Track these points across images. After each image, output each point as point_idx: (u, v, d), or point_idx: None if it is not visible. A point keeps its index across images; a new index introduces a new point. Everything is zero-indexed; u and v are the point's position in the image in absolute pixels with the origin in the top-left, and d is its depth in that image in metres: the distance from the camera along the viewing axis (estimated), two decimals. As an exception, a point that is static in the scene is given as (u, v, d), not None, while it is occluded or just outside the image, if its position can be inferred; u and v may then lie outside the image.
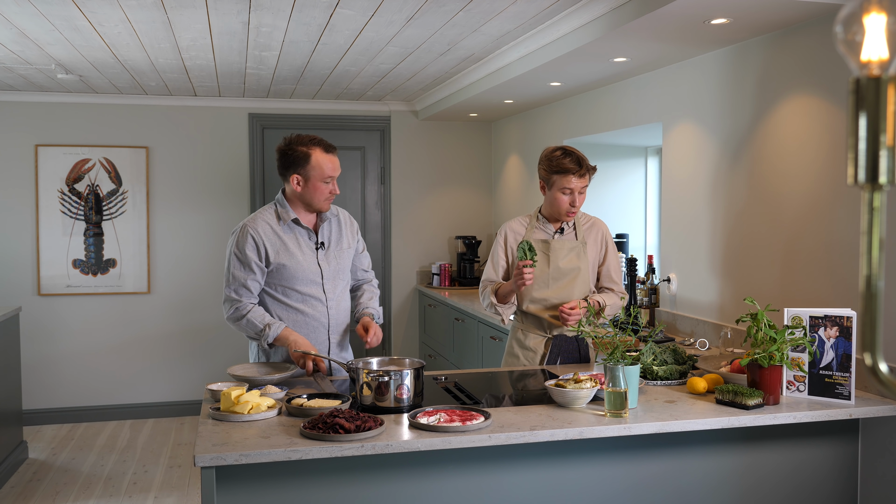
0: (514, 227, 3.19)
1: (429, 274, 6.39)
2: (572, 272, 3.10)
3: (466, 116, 6.07)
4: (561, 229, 3.16)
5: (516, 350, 3.18)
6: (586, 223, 3.19)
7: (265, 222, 2.91)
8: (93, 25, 3.59)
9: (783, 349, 2.41)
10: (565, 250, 3.11)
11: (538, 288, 3.10)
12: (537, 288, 3.10)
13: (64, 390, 5.84)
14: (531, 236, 3.14)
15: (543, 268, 3.10)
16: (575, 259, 3.11)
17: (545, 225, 3.16)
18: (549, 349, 3.12)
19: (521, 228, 3.18)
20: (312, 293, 2.93)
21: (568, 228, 3.16)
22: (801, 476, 2.52)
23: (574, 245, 3.13)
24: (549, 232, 3.15)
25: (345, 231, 3.06)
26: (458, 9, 3.27)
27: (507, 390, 2.87)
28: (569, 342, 3.14)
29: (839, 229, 2.75)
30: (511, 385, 2.92)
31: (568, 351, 3.14)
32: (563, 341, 3.13)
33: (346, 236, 3.06)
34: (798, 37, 2.94)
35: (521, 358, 3.15)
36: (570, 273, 3.10)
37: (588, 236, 3.16)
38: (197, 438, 2.14)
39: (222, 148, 6.03)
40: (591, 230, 3.18)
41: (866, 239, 0.88)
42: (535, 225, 3.17)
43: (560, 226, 3.16)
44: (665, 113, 3.87)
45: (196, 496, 4.30)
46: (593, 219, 3.23)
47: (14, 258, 5.71)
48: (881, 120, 0.85)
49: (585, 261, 3.13)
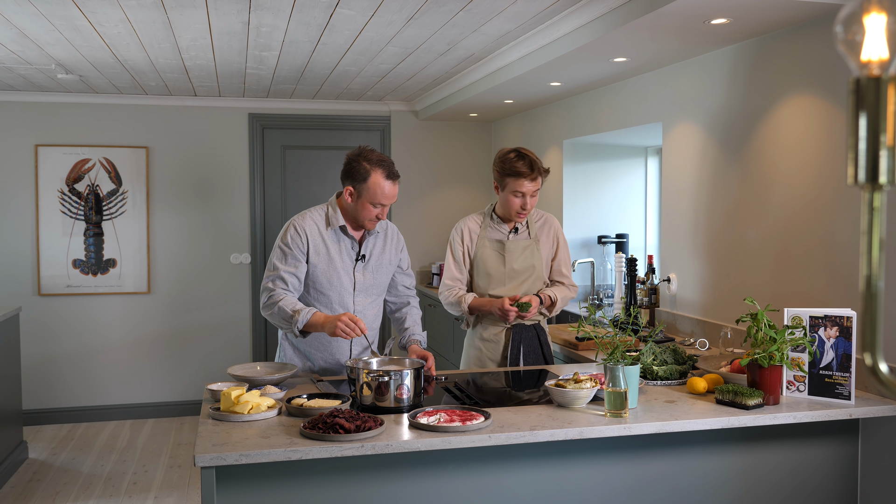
0: (471, 226, 3.27)
1: (429, 274, 6.39)
2: (527, 271, 3.22)
3: (466, 116, 6.07)
4: (515, 229, 3.24)
5: (477, 343, 3.25)
6: (538, 220, 3.29)
7: (313, 222, 2.92)
8: (93, 25, 3.59)
9: (783, 349, 2.41)
10: (519, 249, 3.21)
11: (495, 286, 3.20)
12: (494, 286, 3.21)
13: (64, 390, 5.84)
14: (486, 235, 3.23)
15: (499, 267, 3.20)
16: (529, 257, 3.22)
17: (499, 225, 3.25)
18: (511, 339, 3.18)
19: (476, 227, 3.27)
20: (342, 302, 2.94)
21: (521, 227, 3.25)
22: (801, 476, 2.52)
23: (528, 244, 3.23)
24: (503, 232, 3.24)
25: (388, 247, 3.05)
26: (458, 9, 3.27)
27: (507, 390, 2.87)
28: (527, 330, 3.22)
29: (839, 229, 2.75)
30: (511, 385, 2.92)
31: (528, 339, 3.21)
32: (521, 329, 3.20)
33: (388, 252, 3.04)
34: (798, 37, 2.94)
35: (483, 350, 3.23)
36: (525, 272, 3.21)
37: (541, 234, 3.27)
38: (197, 438, 2.14)
39: (222, 148, 6.03)
40: (543, 227, 3.28)
41: (866, 239, 0.88)
42: (489, 224, 3.25)
43: (514, 226, 3.24)
44: (665, 113, 3.87)
45: (196, 496, 4.30)
46: (545, 215, 3.32)
47: (14, 258, 5.71)
48: (881, 120, 0.85)
49: (539, 258, 3.24)
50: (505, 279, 3.20)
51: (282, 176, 6.14)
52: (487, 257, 3.21)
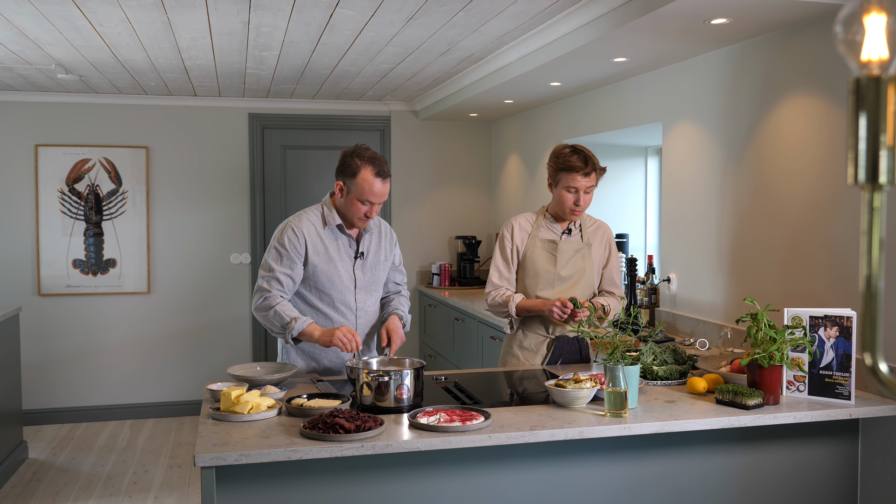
0: (522, 224, 3.17)
1: (429, 274, 6.39)
2: (577, 273, 3.12)
3: (466, 116, 6.07)
4: (568, 230, 3.16)
5: (515, 350, 3.17)
6: (591, 225, 3.21)
7: (310, 223, 2.91)
8: (93, 25, 3.59)
9: (783, 349, 2.41)
10: (571, 251, 3.13)
11: (543, 288, 3.10)
12: (542, 288, 3.10)
13: (64, 390, 5.84)
14: (538, 234, 3.14)
15: (549, 268, 3.10)
16: (580, 261, 3.13)
17: (552, 224, 3.16)
18: (552, 350, 3.12)
19: (528, 225, 3.17)
20: (343, 300, 2.94)
21: (574, 230, 3.17)
22: (801, 476, 2.52)
23: (580, 247, 3.14)
24: (556, 232, 3.16)
25: (384, 243, 3.06)
26: (458, 9, 3.27)
27: (507, 390, 2.86)
28: (570, 343, 3.13)
29: (839, 229, 2.75)
30: (511, 385, 2.92)
31: (570, 352, 3.14)
32: (564, 342, 3.13)
33: (384, 248, 3.06)
34: (798, 37, 2.94)
35: (521, 358, 3.15)
36: (576, 274, 3.12)
37: (593, 239, 3.19)
38: (197, 438, 2.14)
39: (222, 148, 6.03)
40: (596, 233, 3.20)
41: (866, 239, 0.88)
42: (542, 223, 3.17)
43: (567, 226, 3.16)
44: (665, 113, 3.87)
45: (196, 496, 4.30)
46: (598, 221, 3.24)
47: (14, 258, 5.71)
48: (881, 120, 0.85)
49: (590, 263, 3.15)
50: (554, 281, 3.09)
51: (282, 176, 6.14)
52: (538, 257, 3.10)
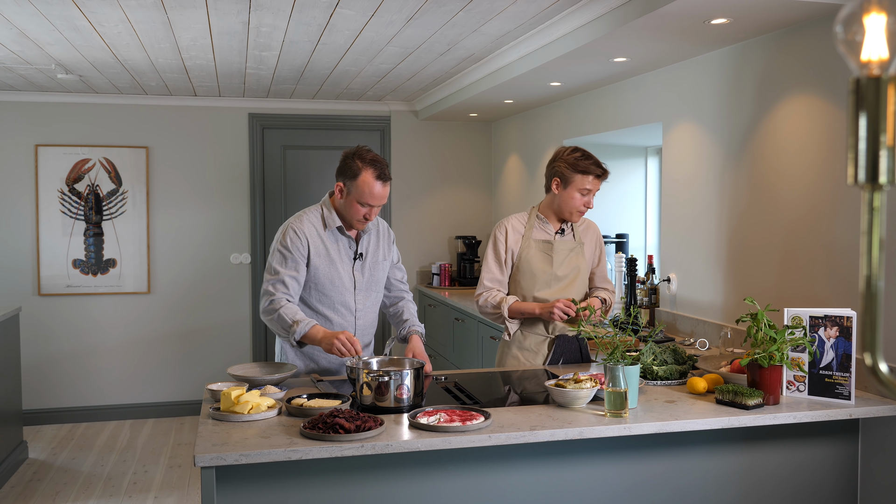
0: (515, 226, 3.16)
1: (429, 274, 6.39)
2: (573, 272, 3.14)
3: (466, 116, 6.07)
4: (561, 230, 3.17)
5: (515, 352, 3.15)
6: (581, 225, 3.23)
7: (311, 224, 2.92)
8: (93, 25, 3.59)
9: (783, 349, 2.41)
10: (566, 251, 3.14)
11: (540, 288, 3.10)
12: (539, 288, 3.10)
13: (64, 390, 5.84)
14: (531, 235, 3.14)
15: (545, 268, 3.11)
16: (575, 260, 3.15)
17: (544, 224, 3.16)
18: (552, 350, 3.12)
19: (520, 227, 3.17)
20: (343, 301, 2.95)
21: (567, 229, 3.18)
22: (801, 476, 2.52)
23: (573, 246, 3.17)
24: (549, 232, 3.16)
25: (382, 242, 3.06)
26: (458, 9, 3.27)
27: (507, 390, 2.86)
28: (570, 343, 3.14)
29: (839, 229, 2.75)
30: (511, 385, 2.92)
31: (570, 352, 3.14)
32: (565, 342, 3.13)
33: (382, 248, 3.06)
34: (798, 37, 2.94)
35: (521, 359, 3.14)
36: (571, 273, 3.13)
37: (585, 237, 3.21)
38: (197, 438, 2.14)
39: (222, 148, 6.03)
40: (587, 232, 3.23)
41: (866, 239, 0.88)
42: (535, 224, 3.17)
43: (560, 227, 3.17)
44: (665, 113, 3.87)
45: (196, 496, 4.30)
46: (587, 220, 3.27)
47: (14, 258, 5.71)
48: (881, 120, 0.85)
49: (584, 261, 3.17)
50: (551, 281, 3.10)
51: (282, 176, 6.14)
52: (533, 258, 3.10)
